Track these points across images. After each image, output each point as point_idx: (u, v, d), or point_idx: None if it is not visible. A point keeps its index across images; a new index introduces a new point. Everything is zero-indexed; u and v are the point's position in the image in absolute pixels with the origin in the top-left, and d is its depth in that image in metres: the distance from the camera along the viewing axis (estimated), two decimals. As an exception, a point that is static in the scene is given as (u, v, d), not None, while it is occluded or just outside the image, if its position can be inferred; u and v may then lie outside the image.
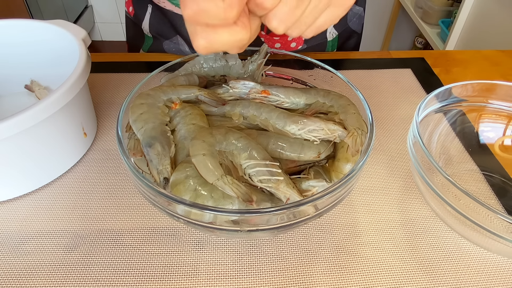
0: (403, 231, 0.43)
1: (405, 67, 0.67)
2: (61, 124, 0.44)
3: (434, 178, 0.39)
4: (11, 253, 0.40)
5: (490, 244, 0.39)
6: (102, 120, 0.55)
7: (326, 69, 0.47)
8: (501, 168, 0.50)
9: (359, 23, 0.74)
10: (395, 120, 0.57)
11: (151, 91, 0.43)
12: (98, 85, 0.61)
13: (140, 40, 0.74)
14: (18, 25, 0.53)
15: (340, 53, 0.71)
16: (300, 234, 0.42)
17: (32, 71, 0.56)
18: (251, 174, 0.36)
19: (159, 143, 0.38)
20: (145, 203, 0.45)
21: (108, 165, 0.49)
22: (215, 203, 0.35)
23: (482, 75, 0.67)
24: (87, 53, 0.47)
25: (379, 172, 0.49)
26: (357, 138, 0.39)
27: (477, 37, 1.46)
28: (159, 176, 0.37)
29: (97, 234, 0.42)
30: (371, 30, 2.24)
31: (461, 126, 0.52)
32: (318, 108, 0.44)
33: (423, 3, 1.73)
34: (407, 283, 0.38)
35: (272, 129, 0.42)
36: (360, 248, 0.41)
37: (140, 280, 0.38)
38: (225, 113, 0.44)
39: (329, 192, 0.34)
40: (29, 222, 0.43)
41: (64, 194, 0.46)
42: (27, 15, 1.77)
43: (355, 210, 0.45)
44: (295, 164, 0.41)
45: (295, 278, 0.38)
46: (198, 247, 0.41)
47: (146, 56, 0.70)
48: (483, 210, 0.35)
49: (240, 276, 0.39)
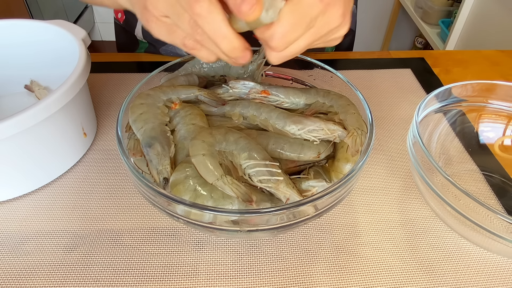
0: (403, 231, 0.43)
1: (405, 67, 0.67)
2: (61, 124, 0.44)
3: (434, 178, 0.39)
4: (11, 253, 0.40)
5: (490, 244, 0.39)
6: (102, 120, 0.55)
7: (326, 69, 0.47)
8: (501, 168, 0.50)
9: (353, 20, 0.74)
10: (395, 120, 0.57)
11: (151, 91, 0.43)
12: (98, 85, 0.61)
13: (134, 45, 0.73)
14: (18, 25, 0.53)
15: (340, 53, 0.71)
16: (300, 234, 0.42)
17: (32, 71, 0.56)
18: (251, 174, 0.36)
19: (158, 143, 0.38)
20: (145, 203, 0.45)
21: (108, 165, 0.49)
22: (215, 203, 0.35)
23: (482, 75, 0.66)
24: (87, 53, 0.47)
25: (379, 172, 0.49)
26: (357, 138, 0.39)
27: (477, 37, 1.46)
28: (159, 176, 0.37)
29: (97, 234, 0.42)
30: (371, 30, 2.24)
31: (461, 126, 0.52)
32: (318, 108, 0.44)
33: (423, 3, 1.73)
34: (407, 283, 0.38)
35: (272, 129, 0.42)
36: (360, 248, 0.41)
37: (140, 280, 0.38)
38: (225, 113, 0.44)
39: (329, 192, 0.34)
40: (29, 222, 0.43)
41: (64, 194, 0.46)
42: (27, 15, 1.76)
43: (355, 210, 0.45)
44: (295, 164, 0.41)
45: (295, 278, 0.38)
46: (198, 247, 0.41)
47: (146, 56, 0.70)
48: (483, 210, 0.35)
49: (240, 276, 0.39)
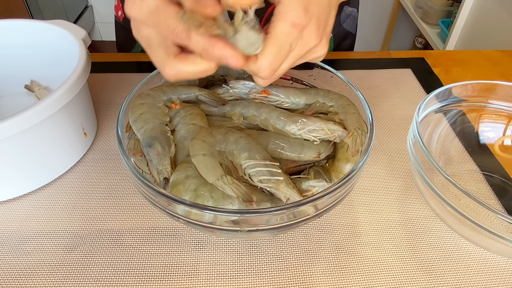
0: (403, 231, 0.43)
1: (405, 67, 0.67)
2: (61, 124, 0.44)
3: (434, 178, 0.39)
4: (11, 253, 0.40)
5: (490, 244, 0.39)
6: (102, 120, 0.55)
7: (326, 69, 0.47)
8: (501, 168, 0.50)
9: (353, 24, 0.74)
10: (395, 120, 0.57)
11: (151, 91, 0.43)
12: (98, 85, 0.61)
13: (132, 43, 0.73)
14: (18, 25, 0.53)
15: (340, 53, 0.71)
16: (300, 234, 0.42)
17: (32, 71, 0.56)
18: (251, 174, 0.36)
19: (159, 143, 0.38)
20: (145, 203, 0.45)
21: (108, 165, 0.49)
22: (215, 203, 0.35)
23: (482, 75, 0.66)
24: (87, 53, 0.47)
25: (379, 172, 0.49)
26: (357, 138, 0.39)
27: (477, 37, 1.46)
28: (159, 176, 0.37)
29: (97, 234, 0.42)
30: (371, 30, 2.24)
31: (461, 126, 0.52)
32: (318, 108, 0.44)
33: (423, 3, 1.73)
34: (407, 283, 0.38)
35: (272, 129, 0.42)
36: (360, 248, 0.41)
37: (140, 280, 0.38)
38: (225, 113, 0.44)
39: (329, 192, 0.34)
40: (29, 222, 0.43)
41: (64, 194, 0.46)
42: (27, 15, 1.76)
43: (355, 210, 0.45)
44: (295, 164, 0.41)
45: (295, 278, 0.38)
46: (198, 247, 0.41)
47: (146, 56, 0.70)
48: (483, 210, 0.35)
49: (240, 276, 0.39)
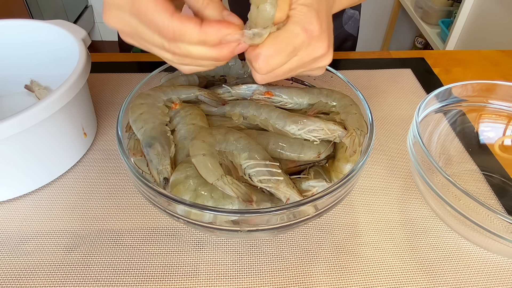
0: (403, 231, 0.43)
1: (405, 67, 0.67)
2: (61, 124, 0.44)
3: (434, 178, 0.39)
4: (11, 253, 0.40)
5: (490, 244, 0.39)
6: (102, 120, 0.55)
7: (326, 69, 0.46)
8: (501, 168, 0.50)
9: (355, 26, 0.74)
10: (395, 120, 0.57)
11: (151, 91, 0.43)
12: (98, 85, 0.61)
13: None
14: (18, 25, 0.53)
15: (340, 53, 0.71)
16: (300, 234, 0.42)
17: (32, 71, 0.56)
18: (251, 174, 0.36)
19: (159, 143, 0.38)
20: (145, 203, 0.45)
21: (108, 165, 0.49)
22: (215, 203, 0.35)
23: (482, 75, 0.66)
24: (87, 53, 0.47)
25: (379, 172, 0.49)
26: (355, 138, 0.39)
27: (477, 37, 1.46)
28: (159, 176, 0.37)
29: (97, 234, 0.42)
30: (371, 30, 2.24)
31: (461, 126, 0.52)
32: (320, 108, 0.44)
33: (423, 3, 1.73)
34: (407, 283, 0.38)
35: (272, 129, 0.42)
36: (360, 248, 0.41)
37: (140, 280, 0.38)
38: (225, 113, 0.44)
39: (329, 192, 0.34)
40: (29, 222, 0.43)
41: (64, 194, 0.46)
42: (27, 15, 1.76)
43: (355, 210, 0.45)
44: (295, 164, 0.41)
45: (295, 278, 0.38)
46: (198, 247, 0.41)
47: (146, 56, 0.70)
48: (483, 210, 0.35)
49: (240, 276, 0.39)
